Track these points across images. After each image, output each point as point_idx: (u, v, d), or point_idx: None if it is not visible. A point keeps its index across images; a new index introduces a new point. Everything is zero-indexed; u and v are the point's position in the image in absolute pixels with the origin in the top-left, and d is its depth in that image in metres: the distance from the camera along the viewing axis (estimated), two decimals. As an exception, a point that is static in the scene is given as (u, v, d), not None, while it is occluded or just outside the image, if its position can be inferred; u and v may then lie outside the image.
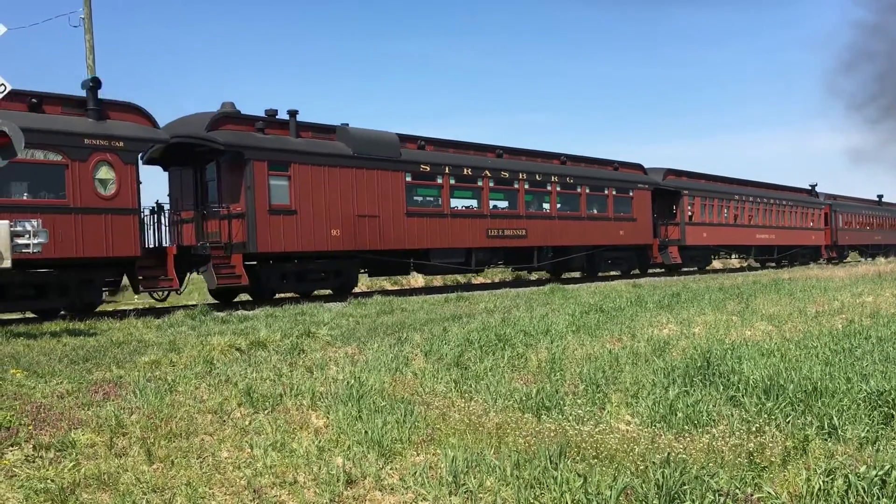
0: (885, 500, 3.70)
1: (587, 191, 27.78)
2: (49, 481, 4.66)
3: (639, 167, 31.68)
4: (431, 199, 22.57)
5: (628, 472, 4.32)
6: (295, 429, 5.81)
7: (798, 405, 5.75)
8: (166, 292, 17.73)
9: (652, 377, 6.89)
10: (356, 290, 21.23)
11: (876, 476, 3.84)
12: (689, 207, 33.24)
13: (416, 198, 22.01)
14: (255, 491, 4.52)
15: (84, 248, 15.33)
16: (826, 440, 4.93)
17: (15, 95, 14.27)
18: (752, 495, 3.86)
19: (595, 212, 28.26)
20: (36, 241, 11.13)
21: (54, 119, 15.47)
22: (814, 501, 3.77)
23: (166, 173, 20.58)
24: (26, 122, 13.81)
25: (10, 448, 5.37)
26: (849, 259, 47.31)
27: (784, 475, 4.27)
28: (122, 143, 16.09)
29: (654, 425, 5.48)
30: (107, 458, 5.15)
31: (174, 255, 17.03)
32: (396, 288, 26.79)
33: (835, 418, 5.22)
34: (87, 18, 25.67)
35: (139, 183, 16.47)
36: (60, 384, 7.42)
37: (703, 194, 34.43)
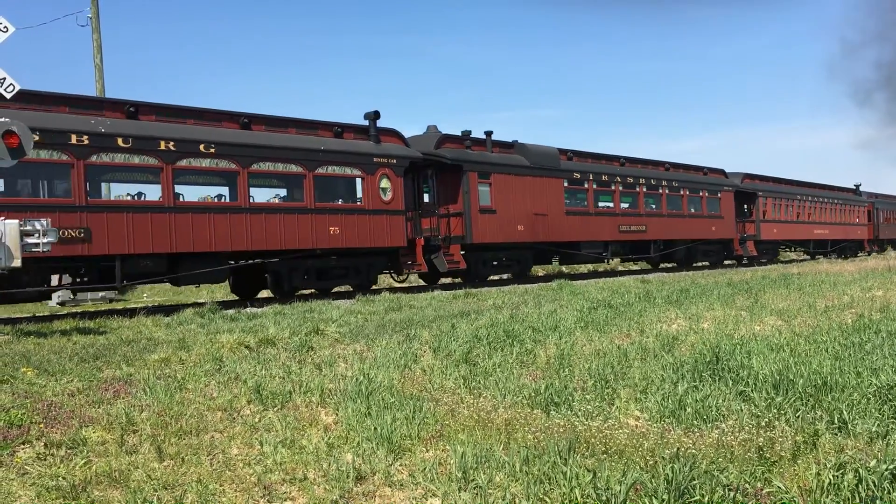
0: (895, 494, 3.68)
1: (687, 193, 32.71)
2: (60, 479, 4.69)
3: (721, 172, 36.49)
4: (581, 200, 27.57)
5: (638, 467, 4.32)
6: (304, 425, 5.82)
7: (808, 400, 5.73)
8: (409, 273, 22.92)
9: (661, 372, 6.89)
10: (374, 287, 22.49)
11: (886, 470, 3.83)
12: (763, 207, 38.04)
13: (570, 200, 27.01)
14: (265, 487, 4.54)
15: (373, 240, 20.26)
16: (836, 434, 4.92)
17: (323, 126, 20.06)
18: (761, 490, 3.86)
19: (693, 211, 33.15)
20: (45, 241, 11.18)
21: (354, 143, 20.40)
22: (824, 496, 3.76)
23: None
24: (339, 146, 19.78)
25: (22, 446, 5.40)
26: (888, 251, 49.57)
27: (794, 470, 4.26)
28: (394, 161, 20.86)
29: (664, 420, 5.47)
30: (117, 455, 5.18)
31: (421, 246, 21.88)
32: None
33: (845, 413, 5.20)
34: (94, 17, 25.75)
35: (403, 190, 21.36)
36: (71, 382, 7.45)
37: (774, 195, 39.24)
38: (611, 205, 28.72)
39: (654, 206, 30.90)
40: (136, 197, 16.80)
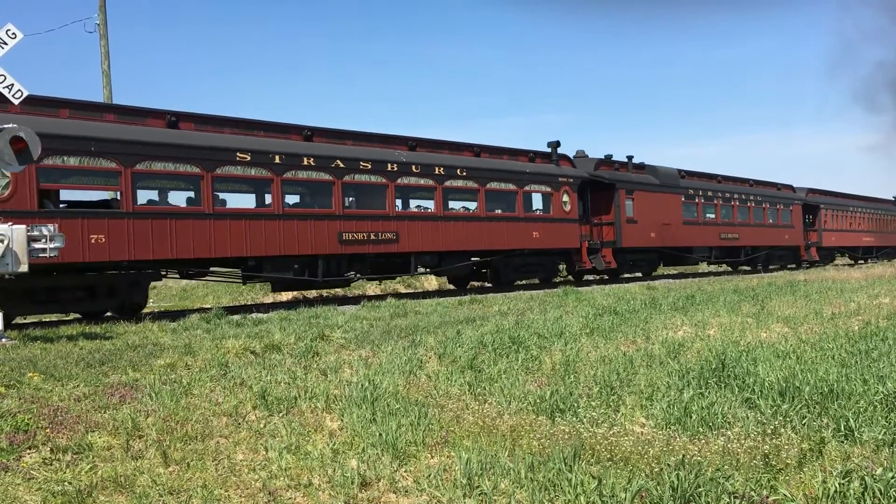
0: (902, 502, 3.67)
1: (767, 206, 38.39)
2: (66, 483, 4.70)
3: (790, 187, 42.01)
4: (693, 212, 33.03)
5: (643, 475, 4.31)
6: (309, 431, 5.83)
7: (814, 407, 5.72)
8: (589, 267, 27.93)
9: (666, 379, 6.87)
10: (370, 293, 24.83)
11: (893, 478, 3.81)
12: (824, 218, 43.57)
13: (686, 212, 32.48)
14: (270, 493, 4.55)
15: (558, 242, 26.00)
16: (842, 442, 4.90)
17: (521, 153, 25.92)
18: (767, 497, 3.84)
19: (772, 221, 38.86)
20: (52, 246, 11.22)
21: (544, 166, 26.23)
22: (830, 503, 3.74)
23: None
24: (536, 169, 25.66)
25: (28, 451, 5.42)
26: None
27: (800, 477, 4.25)
28: (572, 180, 26.63)
29: (669, 427, 5.46)
30: (123, 460, 5.19)
31: (586, 248, 27.33)
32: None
33: (851, 420, 5.18)
34: (102, 24, 25.87)
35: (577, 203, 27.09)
36: (77, 387, 7.47)
37: (832, 207, 44.79)
38: (713, 216, 34.69)
39: (744, 218, 36.75)
40: (421, 209, 22.82)
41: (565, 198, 26.19)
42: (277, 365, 8.56)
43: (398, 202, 21.61)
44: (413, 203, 22.98)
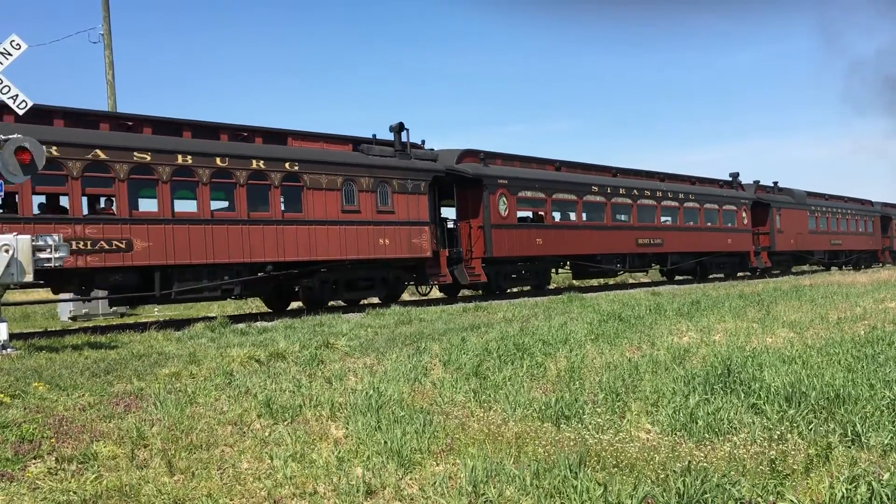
0: (910, 507, 3.65)
1: (851, 216, 47.55)
2: (71, 493, 4.70)
3: (869, 202, 51.73)
4: (814, 223, 43.22)
5: (649, 481, 4.29)
6: (314, 439, 5.81)
7: (820, 412, 5.69)
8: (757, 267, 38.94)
9: (672, 385, 6.85)
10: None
11: (901, 483, 3.79)
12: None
13: (811, 224, 42.67)
14: (274, 501, 4.54)
15: (739, 246, 36.89)
16: (849, 447, 4.87)
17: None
18: (774, 503, 3.82)
19: (856, 229, 48.43)
20: (57, 255, 11.25)
21: (731, 191, 37.45)
22: (837, 509, 3.73)
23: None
24: (724, 193, 36.63)
25: (33, 461, 5.42)
26: None
27: (807, 483, 4.22)
28: (748, 202, 38.32)
29: (675, 433, 5.44)
30: (128, 469, 5.18)
31: (752, 251, 38.41)
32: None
33: (858, 425, 5.15)
34: (106, 34, 25.98)
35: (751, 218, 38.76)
36: (82, 397, 7.48)
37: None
38: (825, 227, 44.41)
39: (837, 227, 45.68)
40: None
41: (744, 214, 37.09)
42: (282, 373, 8.56)
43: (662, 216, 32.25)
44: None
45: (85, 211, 16.00)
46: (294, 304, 21.87)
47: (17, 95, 11.17)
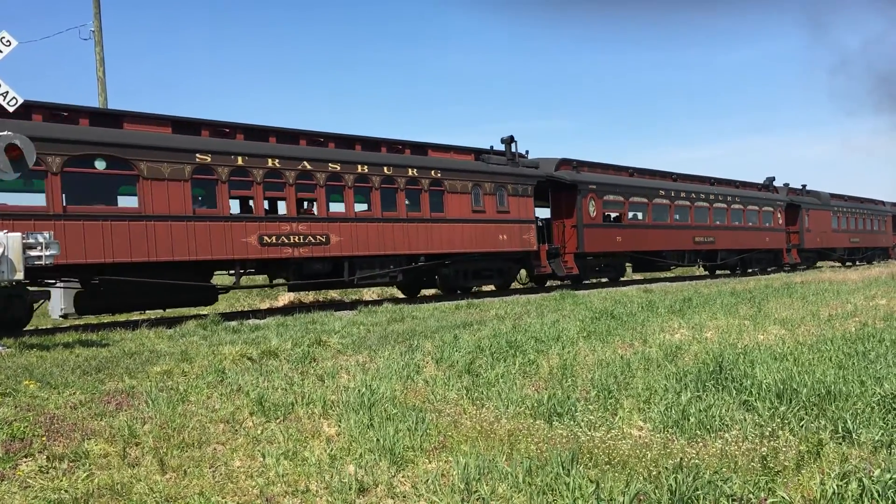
0: (900, 503, 3.66)
1: (867, 216, 51.13)
2: (63, 492, 4.68)
3: (881, 202, 55.37)
4: (836, 223, 46.52)
5: (641, 478, 4.30)
6: (307, 437, 5.81)
7: (811, 409, 5.72)
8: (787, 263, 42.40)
9: (664, 382, 6.87)
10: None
11: (891, 479, 3.81)
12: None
13: (835, 223, 46.20)
14: (267, 500, 4.53)
15: (774, 244, 40.24)
16: (840, 444, 4.89)
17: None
18: (765, 500, 3.84)
19: (872, 228, 52.11)
20: (48, 253, 11.19)
21: (767, 194, 40.67)
22: (828, 506, 3.74)
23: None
24: (760, 195, 39.86)
25: (25, 459, 5.39)
26: None
27: (798, 479, 4.24)
28: (782, 203, 41.64)
29: (667, 431, 5.45)
30: (120, 468, 5.17)
31: (785, 249, 42.08)
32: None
33: (849, 422, 5.18)
34: (97, 31, 25.87)
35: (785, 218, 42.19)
36: (73, 395, 7.44)
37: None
38: (846, 226, 47.65)
39: (856, 226, 49.38)
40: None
41: (779, 215, 40.52)
42: (274, 371, 8.54)
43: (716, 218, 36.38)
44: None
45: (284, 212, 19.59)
46: (425, 291, 25.60)
47: (7, 92, 11.10)
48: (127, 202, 17.30)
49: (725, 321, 11.76)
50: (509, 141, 25.38)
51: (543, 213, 28.72)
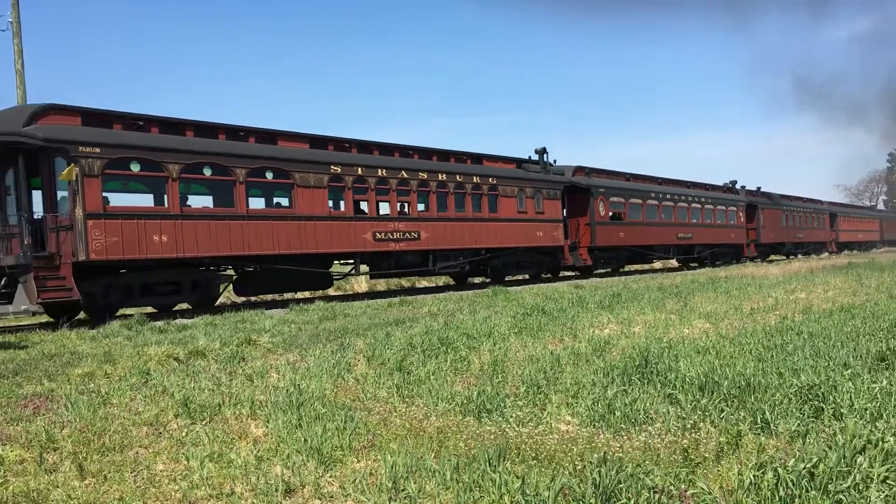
0: (813, 492, 3.78)
1: (810, 214, 57.20)
2: (-26, 501, 4.50)
3: (820, 202, 62.53)
4: (785, 221, 52.18)
5: (567, 473, 4.34)
6: (233, 439, 5.71)
7: (732, 401, 5.86)
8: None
9: (592, 377, 6.96)
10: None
11: (804, 469, 3.93)
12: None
13: (784, 220, 52.05)
14: (190, 503, 4.43)
15: (734, 238, 46.01)
16: (759, 434, 5.03)
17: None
18: (685, 491, 3.92)
19: (814, 225, 57.63)
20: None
21: (725, 194, 46.78)
22: (745, 495, 3.84)
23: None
24: (720, 195, 45.83)
25: (-67, 467, 5.16)
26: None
27: (717, 470, 4.35)
28: (744, 204, 47.79)
29: (594, 425, 5.53)
30: (36, 474, 4.99)
31: (745, 244, 47.22)
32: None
33: (767, 413, 5.33)
34: (15, 22, 24.97)
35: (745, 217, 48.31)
36: (-12, 399, 7.17)
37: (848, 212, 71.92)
38: (793, 223, 53.31)
39: (804, 223, 55.83)
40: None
41: (741, 214, 46.29)
42: (202, 371, 8.38)
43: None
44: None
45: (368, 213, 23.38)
46: (474, 279, 30.37)
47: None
48: (266, 204, 21.49)
49: (653, 316, 12.01)
50: (542, 151, 30.71)
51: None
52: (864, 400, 5.47)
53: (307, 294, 25.30)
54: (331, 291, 26.11)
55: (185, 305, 20.08)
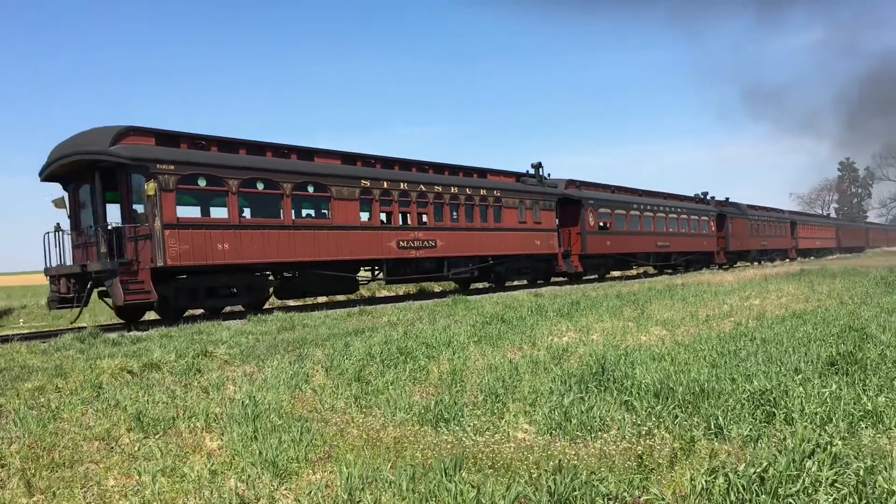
0: (763, 496, 3.84)
1: (773, 223, 59.98)
2: (-85, 521, 4.37)
3: (782, 211, 65.50)
4: (753, 230, 55.34)
5: (522, 481, 4.36)
6: (187, 452, 5.62)
7: (686, 407, 5.94)
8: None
9: (550, 385, 6.99)
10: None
11: (755, 473, 3.99)
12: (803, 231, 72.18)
13: (749, 230, 54.91)
14: (141, 519, 4.36)
15: (702, 246, 47.56)
16: (712, 440, 5.10)
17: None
18: (639, 497, 3.95)
19: (776, 233, 60.41)
20: None
21: (696, 205, 48.55)
22: (697, 501, 3.88)
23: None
24: (693, 206, 47.16)
25: None
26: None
27: (671, 476, 4.39)
28: (715, 213, 50.33)
29: (550, 433, 5.55)
30: (-19, 492, 4.86)
31: (716, 252, 50.16)
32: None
33: (720, 418, 5.40)
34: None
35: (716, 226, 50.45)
36: (-67, 416, 6.97)
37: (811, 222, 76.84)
38: (758, 232, 56.31)
39: (768, 232, 58.91)
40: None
41: (712, 223, 48.70)
42: (156, 384, 8.25)
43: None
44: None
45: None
46: (477, 285, 32.31)
47: None
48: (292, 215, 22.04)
49: (611, 323, 12.11)
50: (538, 166, 32.99)
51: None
52: (814, 404, 5.59)
53: (341, 297, 27.80)
54: (291, 303, 25.88)
55: (238, 307, 22.09)
